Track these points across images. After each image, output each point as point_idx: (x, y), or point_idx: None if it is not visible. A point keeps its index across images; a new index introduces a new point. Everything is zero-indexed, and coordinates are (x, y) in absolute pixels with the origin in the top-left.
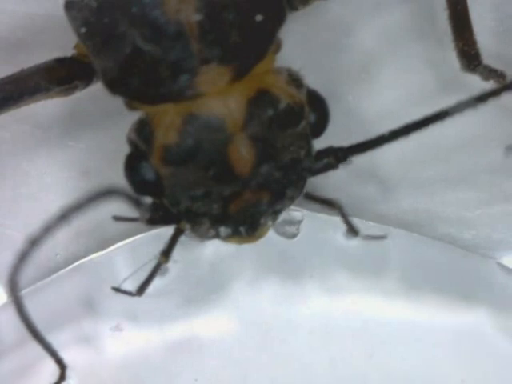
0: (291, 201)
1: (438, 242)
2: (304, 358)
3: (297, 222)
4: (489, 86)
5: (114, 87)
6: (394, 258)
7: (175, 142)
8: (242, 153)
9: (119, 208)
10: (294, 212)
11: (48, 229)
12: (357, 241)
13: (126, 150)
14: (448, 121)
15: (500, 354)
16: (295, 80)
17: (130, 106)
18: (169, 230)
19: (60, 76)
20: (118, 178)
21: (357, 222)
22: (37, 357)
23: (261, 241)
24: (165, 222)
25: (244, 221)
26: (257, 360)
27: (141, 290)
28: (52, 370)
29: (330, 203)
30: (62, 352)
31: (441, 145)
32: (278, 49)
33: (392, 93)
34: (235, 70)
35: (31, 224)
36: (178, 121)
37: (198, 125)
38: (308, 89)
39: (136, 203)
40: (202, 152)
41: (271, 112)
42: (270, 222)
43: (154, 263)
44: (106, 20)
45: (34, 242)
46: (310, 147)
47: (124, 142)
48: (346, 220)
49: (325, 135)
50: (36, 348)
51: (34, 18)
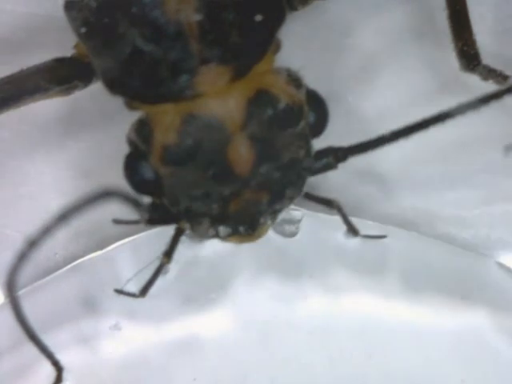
0: (291, 200)
1: (437, 242)
2: (303, 358)
3: (296, 221)
4: (488, 85)
5: (113, 87)
6: (394, 257)
7: (175, 141)
8: (242, 153)
9: (118, 208)
10: (294, 211)
11: (47, 230)
12: (356, 240)
13: (125, 149)
14: (448, 122)
15: (499, 354)
16: (294, 80)
17: (130, 105)
18: (168, 229)
19: (60, 76)
20: (118, 177)
21: (356, 221)
22: (33, 358)
23: (260, 240)
24: (164, 221)
25: (243, 220)
26: (256, 359)
27: (144, 291)
28: (48, 371)
29: (329, 203)
30: (60, 351)
31: (440, 144)
32: (277, 49)
33: (391, 93)
34: (235, 70)
35: (30, 223)
36: (177, 121)
37: (197, 125)
38: (307, 89)
39: (135, 204)
40: (201, 152)
41: (271, 112)
42: (269, 222)
43: (156, 263)
44: (106, 20)
45: (32, 243)
46: (310, 147)
47: (123, 141)
48: (346, 220)
49: (324, 135)
50: (32, 349)
51: (34, 18)
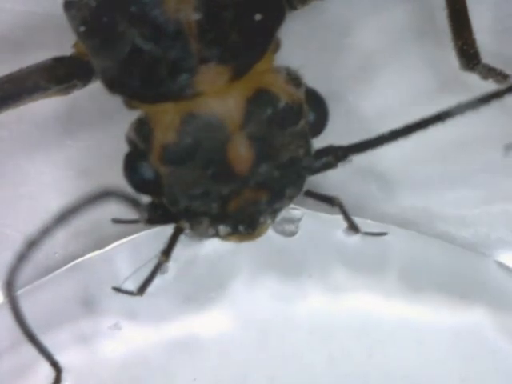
0: (290, 200)
1: (436, 241)
2: (303, 357)
3: (296, 220)
4: (488, 84)
5: (113, 86)
6: (393, 256)
7: (174, 141)
8: (241, 152)
9: (118, 207)
10: (294, 210)
11: (46, 231)
12: (356, 239)
13: (125, 149)
14: (448, 121)
15: (499, 352)
16: (294, 79)
17: (129, 105)
18: (168, 229)
19: (59, 75)
20: (117, 177)
21: (356, 220)
22: (32, 359)
23: (259, 239)
24: (164, 221)
25: (243, 220)
26: (256, 359)
27: (142, 289)
28: (48, 372)
29: (330, 200)
30: (59, 351)
31: (440, 143)
32: (277, 48)
33: (391, 92)
34: (234, 70)
35: (30, 223)
36: (177, 120)
37: (197, 124)
38: (307, 88)
39: (134, 203)
40: (201, 151)
41: (270, 111)
42: (269, 221)
43: (155, 262)
44: (106, 19)
45: (32, 243)
46: (309, 146)
47: (123, 141)
48: (347, 217)
49: (324, 134)
50: (31, 350)
51: (33, 17)
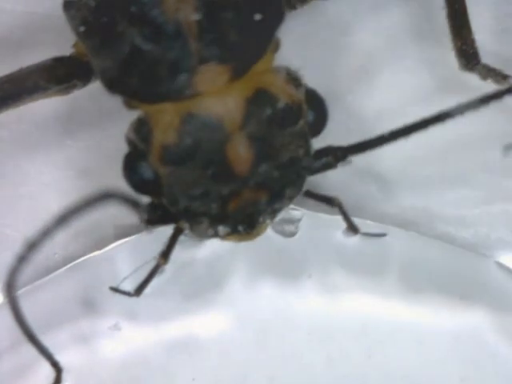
0: (290, 200)
1: (436, 241)
2: (302, 358)
3: (296, 221)
4: (487, 85)
5: (112, 86)
6: (393, 257)
7: (174, 141)
8: (241, 152)
9: (118, 208)
10: (293, 211)
11: (46, 232)
12: (356, 240)
13: (124, 149)
14: (448, 121)
15: (498, 354)
16: (294, 79)
17: (129, 105)
18: (168, 229)
19: (59, 75)
20: (117, 177)
21: (356, 221)
22: (32, 359)
23: (259, 239)
24: (164, 221)
25: (243, 220)
26: (255, 359)
27: (139, 290)
28: (48, 372)
29: (329, 201)
30: (59, 351)
31: (439, 144)
32: (276, 48)
33: (391, 92)
34: (234, 70)
35: (30, 223)
36: (176, 120)
37: (196, 124)
38: (306, 88)
39: (134, 205)
40: (200, 151)
41: (270, 111)
42: (268, 221)
43: (154, 263)
44: (105, 19)
45: (32, 245)
46: (309, 146)
47: (123, 141)
48: (346, 217)
49: (323, 134)
50: (31, 350)
51: (33, 17)
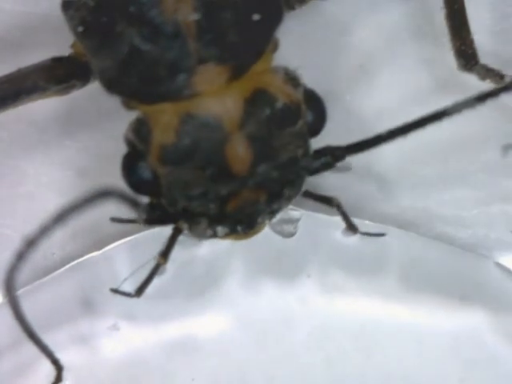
0: (289, 200)
1: (435, 242)
2: (301, 358)
3: (295, 221)
4: (486, 85)
5: (111, 86)
6: (392, 257)
7: (173, 141)
8: (240, 152)
9: (116, 207)
10: (292, 211)
11: (44, 230)
12: (355, 240)
13: (123, 149)
14: (445, 120)
15: (497, 354)
16: (292, 79)
17: (128, 105)
18: (167, 229)
19: (57, 75)
20: (116, 177)
21: (355, 221)
22: (33, 357)
23: (258, 239)
24: (162, 221)
25: (241, 220)
26: (254, 359)
27: (139, 291)
28: (48, 370)
29: (328, 201)
30: (58, 352)
31: (438, 144)
32: (275, 48)
33: (389, 92)
34: (232, 70)
35: (28, 223)
36: (175, 120)
37: (195, 124)
38: (305, 88)
39: (133, 204)
40: (199, 151)
41: (268, 111)
42: (267, 221)
43: (153, 263)
44: (104, 19)
45: (30, 242)
46: (308, 146)
47: (121, 141)
48: (345, 217)
49: (322, 134)
50: (32, 349)
51: (32, 17)
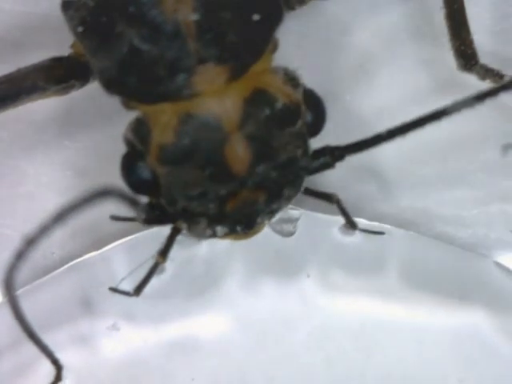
0: (288, 200)
1: (435, 241)
2: (301, 358)
3: (294, 220)
4: (485, 85)
5: (110, 86)
6: (392, 256)
7: (172, 141)
8: (239, 152)
9: (116, 207)
10: (292, 210)
11: (44, 229)
12: (354, 239)
13: (122, 149)
14: (445, 120)
15: (497, 353)
16: (292, 79)
17: (127, 105)
18: (166, 229)
19: (57, 75)
20: (115, 177)
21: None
22: (32, 357)
23: (257, 239)
24: (161, 221)
25: (241, 220)
26: (254, 359)
27: (138, 290)
28: (48, 370)
29: (328, 197)
30: (58, 351)
31: (438, 143)
32: (274, 48)
33: (389, 92)
34: (232, 70)
35: (28, 223)
36: (174, 120)
37: (194, 124)
38: (304, 88)
39: (132, 203)
40: (198, 151)
41: (268, 111)
42: (266, 221)
43: (152, 263)
44: (104, 19)
45: (30, 242)
46: (307, 146)
47: (121, 141)
48: (345, 213)
49: (322, 134)
50: (32, 348)
51: (31, 17)
